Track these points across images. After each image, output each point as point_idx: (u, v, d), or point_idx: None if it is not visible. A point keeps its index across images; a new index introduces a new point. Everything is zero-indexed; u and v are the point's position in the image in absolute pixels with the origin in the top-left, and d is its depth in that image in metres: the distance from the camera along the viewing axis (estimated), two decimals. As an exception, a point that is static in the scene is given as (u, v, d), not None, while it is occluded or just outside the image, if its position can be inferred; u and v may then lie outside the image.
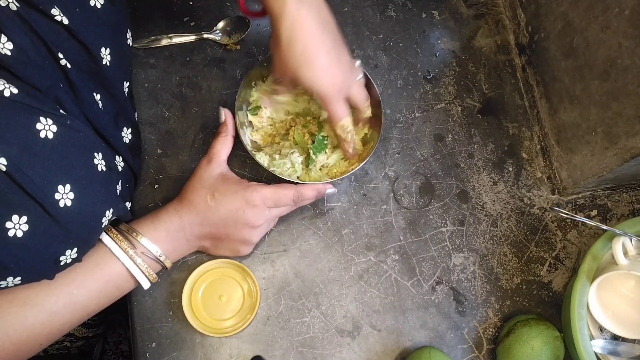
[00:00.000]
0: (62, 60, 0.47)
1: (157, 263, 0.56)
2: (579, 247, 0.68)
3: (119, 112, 0.58)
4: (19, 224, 0.41)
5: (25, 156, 0.41)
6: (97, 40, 0.51)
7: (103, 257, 0.53)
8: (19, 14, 0.43)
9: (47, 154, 0.42)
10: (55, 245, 0.44)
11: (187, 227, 0.57)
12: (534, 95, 0.72)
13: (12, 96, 0.41)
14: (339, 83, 0.56)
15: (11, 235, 0.41)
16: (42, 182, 0.42)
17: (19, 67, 0.42)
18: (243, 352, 0.61)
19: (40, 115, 0.42)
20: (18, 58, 0.42)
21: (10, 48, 0.42)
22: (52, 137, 0.43)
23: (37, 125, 0.42)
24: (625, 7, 0.54)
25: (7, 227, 0.40)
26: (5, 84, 0.41)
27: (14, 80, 0.42)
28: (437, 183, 0.69)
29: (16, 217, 0.41)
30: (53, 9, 0.45)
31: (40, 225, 0.42)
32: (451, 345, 0.64)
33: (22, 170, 0.40)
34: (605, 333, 0.59)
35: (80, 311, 0.52)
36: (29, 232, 0.41)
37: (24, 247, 0.42)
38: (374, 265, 0.65)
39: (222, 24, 0.72)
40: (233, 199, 0.57)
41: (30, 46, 0.44)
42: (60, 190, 0.43)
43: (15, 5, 0.43)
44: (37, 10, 0.44)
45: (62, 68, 0.47)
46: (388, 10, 0.76)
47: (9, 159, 0.40)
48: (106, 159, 0.50)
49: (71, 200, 0.44)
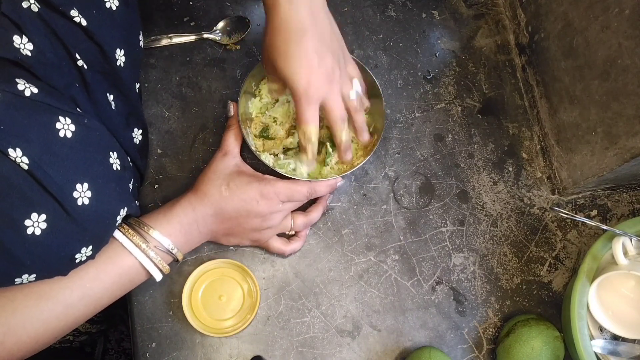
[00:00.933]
0: (79, 61, 0.47)
1: (169, 255, 0.56)
2: (579, 247, 0.68)
3: (130, 113, 0.59)
4: (38, 222, 0.41)
5: (46, 155, 0.41)
6: (113, 41, 0.51)
7: (115, 251, 0.53)
8: (40, 15, 0.43)
9: (66, 152, 0.43)
10: (72, 244, 0.45)
11: (200, 219, 0.57)
12: (534, 95, 0.72)
13: (32, 96, 0.41)
14: (316, 83, 0.53)
15: (30, 233, 0.41)
16: (62, 180, 0.42)
17: (39, 67, 0.43)
18: (243, 352, 0.61)
19: (60, 115, 0.43)
20: (38, 58, 0.43)
21: (30, 49, 0.42)
22: (71, 136, 0.43)
23: (56, 124, 0.42)
24: (625, 7, 0.54)
25: (26, 225, 0.41)
26: (25, 83, 0.41)
27: (34, 80, 0.43)
28: (437, 183, 0.69)
29: (35, 215, 0.41)
30: (72, 10, 0.46)
31: (58, 223, 0.42)
32: (451, 345, 0.64)
33: (43, 169, 0.41)
34: (605, 333, 0.59)
35: (94, 303, 0.52)
36: (47, 230, 0.42)
37: (41, 245, 0.42)
38: (374, 265, 0.65)
39: (222, 24, 0.72)
40: (247, 189, 0.57)
41: (49, 47, 0.44)
42: (79, 188, 0.43)
43: (36, 7, 0.43)
44: (58, 11, 0.45)
45: (78, 69, 0.48)
46: (388, 10, 0.76)
47: (31, 158, 0.40)
48: (120, 158, 0.50)
49: (89, 198, 0.44)
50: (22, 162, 0.40)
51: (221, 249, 0.64)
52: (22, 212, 0.40)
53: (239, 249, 0.64)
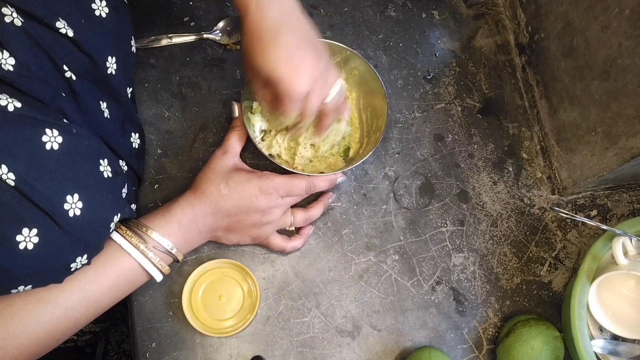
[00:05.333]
0: (67, 72, 0.47)
1: (169, 256, 0.56)
2: (579, 247, 0.68)
3: (125, 118, 0.58)
4: (29, 237, 0.41)
5: (32, 169, 0.41)
6: (103, 49, 0.51)
7: (114, 253, 0.53)
8: (23, 29, 0.43)
9: (54, 165, 0.42)
10: (66, 255, 0.45)
11: (200, 218, 0.57)
12: (534, 95, 0.72)
13: (16, 110, 0.41)
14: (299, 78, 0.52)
15: (22, 248, 0.41)
16: (51, 194, 0.42)
17: (22, 81, 0.43)
18: (243, 352, 0.61)
19: (46, 127, 0.42)
20: (20, 73, 0.42)
21: (12, 63, 0.42)
22: (58, 148, 0.43)
23: (42, 137, 0.42)
24: (625, 7, 0.54)
25: (17, 241, 0.41)
26: (8, 98, 0.41)
27: (17, 95, 0.42)
28: (437, 183, 0.69)
29: (26, 230, 0.41)
30: (58, 22, 0.46)
31: (50, 236, 0.42)
32: (451, 345, 0.64)
33: (30, 184, 0.41)
34: (605, 333, 0.59)
35: (95, 305, 0.52)
36: (40, 244, 0.42)
37: (35, 259, 0.42)
38: (374, 265, 0.65)
39: (222, 24, 0.72)
40: (246, 186, 0.58)
41: (33, 60, 0.44)
42: (69, 200, 0.43)
43: (20, 21, 0.43)
44: (42, 24, 0.45)
45: (66, 80, 0.47)
46: (388, 10, 0.76)
47: (17, 174, 0.40)
48: (112, 164, 0.50)
49: (80, 209, 0.44)
50: (9, 178, 0.40)
51: (221, 249, 0.64)
52: (12, 228, 0.40)
53: (239, 249, 0.64)
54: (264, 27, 0.52)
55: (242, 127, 0.63)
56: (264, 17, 0.52)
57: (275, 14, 0.52)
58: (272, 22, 0.52)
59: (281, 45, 0.51)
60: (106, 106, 0.54)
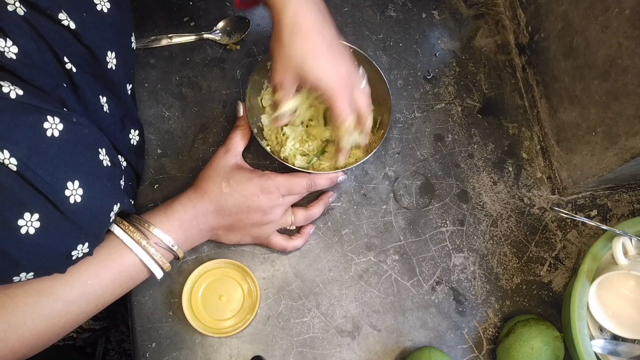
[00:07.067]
0: (67, 64, 0.47)
1: (170, 252, 0.56)
2: (579, 247, 0.68)
3: (124, 115, 0.59)
4: (31, 222, 0.42)
5: (34, 155, 0.41)
6: (103, 44, 0.51)
7: (115, 248, 0.53)
8: (25, 18, 0.43)
9: (55, 151, 0.43)
10: (67, 241, 0.45)
11: (201, 216, 0.57)
12: (534, 95, 0.72)
13: (18, 97, 0.42)
14: (345, 78, 0.55)
15: (23, 233, 0.41)
16: (52, 179, 0.42)
17: (24, 69, 0.43)
18: (243, 352, 0.61)
19: (47, 115, 0.43)
20: (23, 61, 0.43)
21: (15, 52, 0.42)
22: (59, 134, 0.43)
23: (44, 124, 0.43)
24: (625, 7, 0.54)
25: (19, 225, 0.41)
26: (10, 86, 0.42)
27: (19, 83, 0.43)
28: (437, 183, 0.69)
29: (28, 215, 0.41)
30: (60, 13, 0.46)
31: (52, 222, 0.43)
32: (451, 345, 0.64)
33: (32, 169, 0.41)
34: (605, 333, 0.59)
35: (95, 301, 0.53)
36: (41, 229, 0.42)
37: (36, 244, 0.42)
38: (374, 265, 0.65)
39: (222, 24, 0.72)
40: (247, 185, 0.58)
41: (35, 50, 0.44)
42: (70, 186, 0.44)
43: (22, 10, 0.43)
44: (44, 14, 0.45)
45: (66, 71, 0.48)
46: (388, 10, 0.76)
47: (19, 159, 0.40)
48: (110, 154, 0.50)
49: (80, 196, 0.44)
50: (11, 163, 0.40)
51: (221, 248, 0.64)
52: (14, 213, 0.41)
53: (239, 249, 0.64)
54: (310, 24, 0.53)
55: (246, 127, 0.63)
56: (307, 14, 0.53)
57: (315, 10, 0.54)
58: (316, 19, 0.54)
59: (326, 52, 0.54)
60: (105, 101, 0.54)
